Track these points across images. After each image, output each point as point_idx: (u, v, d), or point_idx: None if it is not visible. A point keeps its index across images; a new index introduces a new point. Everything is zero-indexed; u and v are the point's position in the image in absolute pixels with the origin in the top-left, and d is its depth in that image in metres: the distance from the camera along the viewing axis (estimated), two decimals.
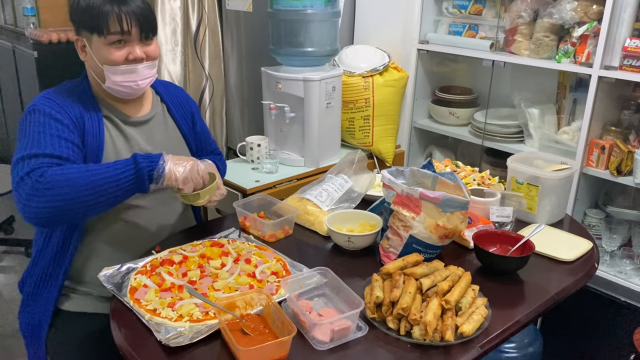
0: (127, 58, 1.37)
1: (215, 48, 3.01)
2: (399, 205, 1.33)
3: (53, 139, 1.28)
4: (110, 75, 1.37)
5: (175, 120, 1.59)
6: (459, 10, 2.41)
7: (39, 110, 1.32)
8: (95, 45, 1.36)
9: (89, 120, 1.38)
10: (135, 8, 1.35)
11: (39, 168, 1.21)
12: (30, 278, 1.45)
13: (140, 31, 1.36)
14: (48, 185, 1.19)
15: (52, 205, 1.19)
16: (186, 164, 1.32)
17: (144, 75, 1.41)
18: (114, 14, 1.32)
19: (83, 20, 1.36)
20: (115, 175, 1.23)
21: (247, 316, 1.14)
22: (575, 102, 2.18)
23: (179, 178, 1.29)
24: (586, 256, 1.47)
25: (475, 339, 1.11)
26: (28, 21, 3.28)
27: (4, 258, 3.08)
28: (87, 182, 1.21)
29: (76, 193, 1.20)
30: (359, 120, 2.34)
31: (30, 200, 1.19)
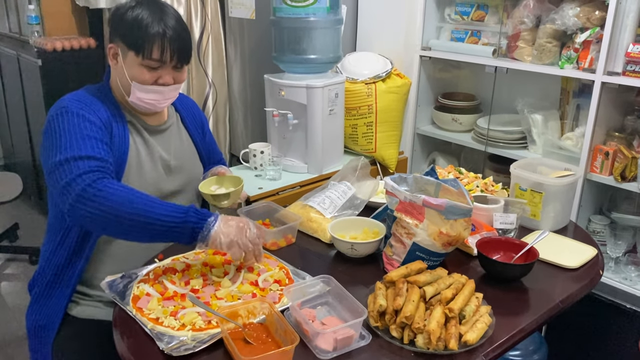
0: (156, 81, 1.39)
1: (218, 55, 3.02)
2: (402, 212, 1.33)
3: (92, 141, 1.29)
4: (136, 91, 1.39)
5: (188, 130, 1.63)
6: (461, 17, 2.42)
7: (72, 112, 1.32)
8: (130, 60, 1.37)
9: (115, 124, 1.40)
10: (179, 38, 1.37)
11: (91, 172, 1.22)
12: (42, 277, 1.45)
13: (177, 61, 1.39)
14: (99, 193, 1.19)
15: (95, 213, 1.19)
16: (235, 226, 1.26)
17: (168, 97, 1.45)
18: (158, 41, 1.34)
19: (125, 33, 1.36)
20: (162, 214, 1.20)
21: (250, 325, 1.14)
22: (578, 108, 2.18)
23: (223, 243, 1.24)
24: (591, 263, 1.46)
25: (480, 347, 1.11)
26: (32, 29, 3.30)
27: (8, 265, 3.09)
28: (135, 207, 1.20)
29: (120, 213, 1.19)
30: (362, 127, 2.34)
31: (78, 202, 1.19)
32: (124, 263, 1.41)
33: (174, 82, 1.43)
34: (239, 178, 1.47)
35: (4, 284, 2.92)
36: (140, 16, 1.35)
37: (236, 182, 1.49)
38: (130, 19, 1.36)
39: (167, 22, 1.36)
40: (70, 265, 1.41)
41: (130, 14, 1.36)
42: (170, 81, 1.42)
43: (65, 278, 1.42)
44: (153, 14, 1.36)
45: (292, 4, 2.04)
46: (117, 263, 1.43)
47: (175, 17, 1.40)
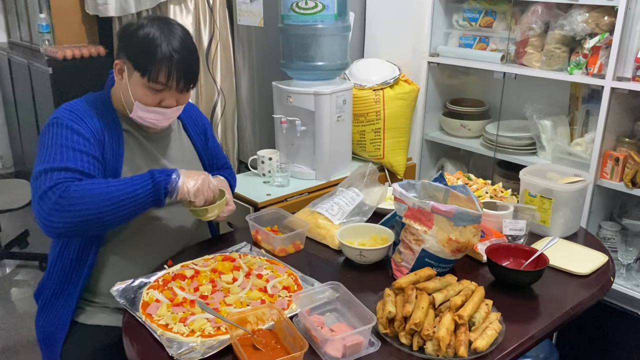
0: (159, 103, 1.40)
1: (226, 63, 3.04)
2: (411, 218, 1.32)
3: (75, 153, 1.30)
4: (138, 110, 1.40)
5: (189, 136, 1.63)
6: (470, 23, 2.42)
7: (61, 123, 1.34)
8: (135, 80, 1.37)
9: (109, 133, 1.41)
10: (186, 64, 1.36)
11: (62, 183, 1.24)
12: (46, 288, 1.46)
13: (183, 86, 1.39)
14: (71, 200, 1.22)
15: (73, 220, 1.23)
16: (197, 178, 1.36)
17: (170, 117, 1.45)
18: (165, 66, 1.34)
19: (132, 53, 1.36)
20: (134, 190, 1.27)
21: (259, 331, 1.14)
22: (588, 114, 2.17)
23: (190, 191, 1.34)
24: (602, 269, 1.45)
25: (489, 354, 1.10)
26: (43, 38, 3.34)
27: (18, 272, 3.11)
28: (107, 197, 1.24)
29: (97, 208, 1.23)
30: (369, 133, 2.34)
31: (52, 215, 1.22)
32: (129, 270, 1.42)
33: (176, 104, 1.42)
34: (222, 191, 1.47)
35: (14, 290, 2.93)
36: (149, 36, 1.34)
37: (220, 196, 1.47)
38: (139, 39, 1.35)
39: (175, 45, 1.34)
40: (74, 273, 1.42)
41: (140, 33, 1.35)
42: (173, 104, 1.41)
43: (69, 286, 1.42)
44: (162, 36, 1.34)
45: (300, 12, 2.05)
46: (120, 270, 1.43)
47: (183, 39, 1.37)
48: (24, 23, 3.74)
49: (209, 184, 1.38)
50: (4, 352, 2.43)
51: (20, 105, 3.76)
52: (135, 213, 1.30)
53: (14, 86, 3.77)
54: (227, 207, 1.52)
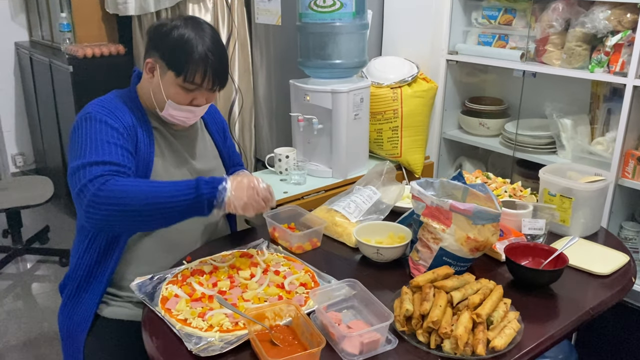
0: (191, 102, 1.42)
1: (244, 61, 3.06)
2: (429, 217, 1.32)
3: (110, 147, 1.32)
4: (170, 109, 1.42)
5: (211, 134, 1.66)
6: (489, 21, 2.40)
7: (94, 118, 1.35)
8: (168, 79, 1.39)
9: (140, 129, 1.43)
10: (220, 64, 1.40)
11: (102, 176, 1.24)
12: (72, 281, 1.47)
13: (216, 85, 1.42)
14: (109, 193, 1.22)
15: (110, 214, 1.22)
16: (245, 189, 1.29)
17: (198, 115, 1.48)
18: (202, 68, 1.36)
19: (167, 53, 1.38)
20: (174, 196, 1.24)
21: (277, 327, 1.15)
22: (609, 112, 2.14)
23: (238, 207, 1.29)
24: (622, 270, 1.43)
25: (508, 353, 1.09)
26: (64, 37, 3.38)
27: (39, 267, 3.16)
28: (146, 196, 1.23)
29: (134, 206, 1.22)
30: (387, 132, 2.33)
31: (90, 207, 1.22)
32: (152, 264, 1.43)
33: (206, 102, 1.46)
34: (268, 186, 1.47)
35: (35, 285, 2.98)
36: (184, 37, 1.36)
37: None
38: (174, 39, 1.36)
39: (210, 46, 1.37)
40: (100, 267, 1.44)
41: (175, 33, 1.37)
42: (203, 102, 1.44)
43: (95, 279, 1.44)
44: (197, 37, 1.36)
45: (318, 10, 2.05)
46: (146, 264, 1.45)
47: (215, 39, 1.40)
48: (45, 22, 3.79)
49: (257, 193, 1.31)
50: (25, 345, 2.47)
51: (41, 103, 3.82)
52: (173, 219, 1.27)
53: (36, 84, 3.83)
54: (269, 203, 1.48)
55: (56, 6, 3.51)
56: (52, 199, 2.97)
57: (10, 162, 4.30)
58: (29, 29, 4.13)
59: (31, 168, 4.37)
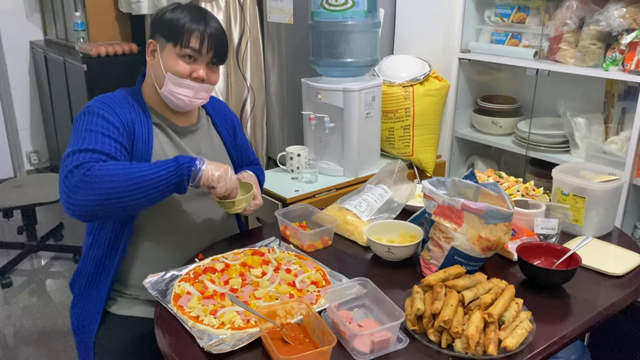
0: (190, 74, 1.44)
1: (256, 60, 3.06)
2: (441, 216, 1.32)
3: (103, 138, 1.34)
4: (169, 84, 1.44)
5: (218, 132, 1.66)
6: (502, 19, 2.38)
7: (92, 112, 1.38)
8: (167, 52, 1.43)
9: (139, 125, 1.44)
10: (218, 36, 1.44)
11: (87, 162, 1.26)
12: (80, 277, 1.50)
13: (212, 56, 1.45)
14: (94, 179, 1.23)
15: (94, 199, 1.23)
16: (220, 166, 1.37)
17: (199, 96, 1.48)
18: (198, 32, 1.41)
19: (163, 28, 1.43)
20: (156, 172, 1.28)
21: (288, 325, 1.15)
22: (624, 111, 2.11)
23: (214, 175, 1.34)
24: (636, 270, 1.41)
25: (519, 353, 1.09)
26: (78, 36, 3.42)
27: (53, 264, 3.20)
28: (130, 177, 1.25)
29: (119, 188, 1.24)
30: (398, 130, 2.33)
31: (74, 193, 1.24)
32: (158, 262, 1.44)
33: (206, 79, 1.46)
34: (250, 185, 1.50)
35: (49, 281, 3.02)
36: (183, 12, 1.43)
37: (247, 189, 1.50)
38: (169, 18, 1.43)
39: (208, 21, 1.44)
40: (106, 264, 1.45)
41: (172, 13, 1.44)
42: (203, 76, 1.45)
43: (101, 276, 1.46)
44: (193, 12, 1.44)
45: (330, 8, 2.05)
46: (151, 262, 1.46)
47: (215, 19, 1.47)
48: (59, 21, 3.83)
49: (231, 175, 1.39)
50: (40, 340, 2.50)
51: (55, 101, 3.86)
52: (158, 197, 1.30)
53: (50, 83, 3.87)
54: (254, 202, 1.54)
55: (70, 5, 3.55)
56: None
57: (25, 159, 4.35)
58: (44, 28, 4.18)
59: (46, 166, 4.42)
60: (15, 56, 4.11)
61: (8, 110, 4.16)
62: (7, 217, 3.10)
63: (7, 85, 4.12)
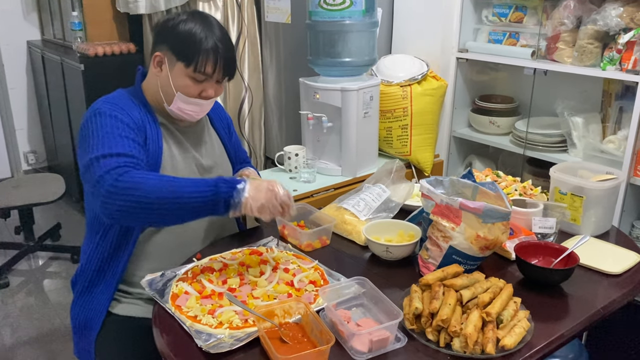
0: (200, 94, 1.43)
1: (254, 59, 3.06)
2: (439, 215, 1.32)
3: (123, 140, 1.32)
4: (179, 101, 1.43)
5: (217, 131, 1.66)
6: (499, 18, 2.38)
7: (104, 113, 1.36)
8: (177, 71, 1.40)
9: (148, 125, 1.44)
10: (229, 54, 1.41)
11: (120, 167, 1.25)
12: (83, 276, 1.49)
13: (225, 75, 1.44)
14: (128, 184, 1.22)
15: (126, 206, 1.21)
16: (264, 191, 1.28)
17: (206, 109, 1.49)
18: (212, 56, 1.38)
19: (176, 44, 1.39)
20: (192, 192, 1.23)
21: (286, 324, 1.15)
22: (621, 110, 2.12)
23: (254, 208, 1.27)
24: (634, 269, 1.42)
25: (518, 352, 1.09)
26: (75, 35, 3.41)
27: (51, 264, 3.19)
28: (163, 191, 1.22)
29: (151, 200, 1.21)
30: (396, 130, 2.33)
31: (108, 198, 1.22)
32: (163, 261, 1.44)
33: (214, 95, 1.46)
34: None
35: (47, 281, 3.01)
36: (193, 29, 1.38)
37: None
38: (183, 31, 1.38)
39: (219, 37, 1.39)
40: (112, 263, 1.45)
41: (183, 26, 1.39)
42: (212, 94, 1.45)
43: (107, 276, 1.45)
44: (205, 28, 1.38)
45: (327, 8, 2.06)
46: (156, 261, 1.46)
47: (224, 32, 1.43)
48: (57, 21, 3.82)
49: (275, 197, 1.29)
50: (37, 341, 2.50)
51: (53, 101, 3.85)
52: (191, 215, 1.26)
53: (47, 82, 3.86)
54: None
55: (67, 5, 3.54)
56: (63, 196, 3.00)
57: (23, 159, 4.34)
58: (41, 28, 4.16)
59: (43, 166, 4.41)
60: (12, 56, 4.09)
61: (5, 110, 4.15)
62: (5, 217, 3.09)
63: (5, 85, 4.11)
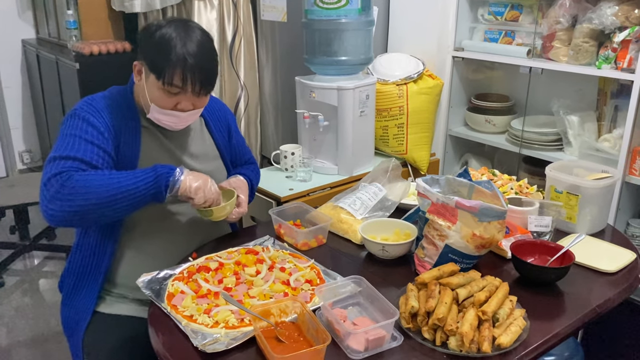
0: (175, 106, 1.38)
1: (250, 58, 3.06)
2: (435, 214, 1.32)
3: (86, 145, 1.32)
4: (155, 112, 1.40)
5: (211, 134, 1.62)
6: (495, 17, 2.39)
7: (78, 115, 1.36)
8: (151, 83, 1.36)
9: (126, 129, 1.41)
10: (201, 67, 1.33)
11: (67, 171, 1.26)
12: (68, 278, 1.49)
13: (199, 89, 1.36)
14: (72, 190, 1.24)
15: (70, 210, 1.24)
16: (199, 177, 1.36)
17: (186, 120, 1.44)
18: (179, 69, 1.31)
19: (149, 54, 1.35)
20: (135, 183, 1.28)
21: (282, 324, 1.15)
22: (616, 109, 2.12)
23: (192, 186, 1.34)
24: (629, 267, 1.42)
25: (514, 350, 1.09)
26: (71, 34, 3.40)
27: (46, 263, 3.18)
28: (107, 188, 1.25)
29: (95, 200, 1.25)
30: (392, 129, 2.33)
31: (52, 202, 1.25)
32: (143, 263, 1.43)
33: (193, 107, 1.40)
34: (232, 192, 1.47)
35: (42, 281, 3.00)
36: (165, 37, 1.32)
37: (229, 197, 1.47)
38: (155, 40, 1.33)
39: (191, 48, 1.32)
40: (94, 264, 1.44)
41: (157, 34, 1.34)
42: (189, 107, 1.39)
43: (90, 277, 1.45)
44: (178, 38, 1.32)
45: (323, 6, 2.05)
46: (137, 263, 1.45)
47: (201, 42, 1.35)
48: (52, 19, 3.81)
49: (210, 186, 1.37)
50: (32, 341, 2.49)
51: (48, 100, 3.84)
52: (136, 206, 1.30)
53: (42, 81, 3.85)
54: (237, 209, 1.50)
55: (62, 3, 3.52)
56: None
57: (18, 158, 4.32)
58: (36, 27, 4.15)
59: (38, 165, 4.39)
60: (7, 55, 4.08)
61: (0, 109, 4.13)
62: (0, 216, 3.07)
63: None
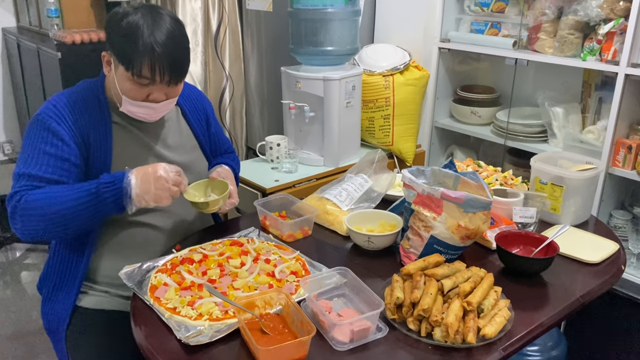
0: (147, 97, 1.34)
1: (235, 48, 3.02)
2: (420, 205, 1.31)
3: (49, 158, 1.31)
4: (127, 104, 1.35)
5: (189, 124, 1.57)
6: (481, 8, 2.38)
7: (42, 122, 1.33)
8: (120, 73, 1.31)
9: (95, 129, 1.37)
10: (169, 56, 1.28)
11: (20, 191, 1.28)
12: (47, 280, 1.46)
13: (169, 79, 1.31)
14: (23, 212, 1.26)
15: (31, 228, 1.28)
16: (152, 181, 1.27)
17: (161, 111, 1.40)
18: (148, 61, 1.26)
19: (117, 44, 1.29)
20: (77, 198, 1.26)
21: (267, 315, 1.14)
22: (600, 101, 2.14)
23: (149, 200, 1.28)
24: (612, 258, 1.43)
25: (498, 341, 1.09)
26: (52, 23, 3.33)
27: (28, 256, 3.14)
28: (56, 207, 1.25)
29: (48, 218, 1.26)
30: (379, 120, 2.32)
31: (12, 221, 1.29)
32: (125, 259, 1.39)
33: (166, 98, 1.35)
34: (225, 183, 1.45)
35: (24, 273, 2.96)
36: (132, 25, 1.26)
37: (223, 188, 1.46)
38: (122, 28, 1.27)
39: (159, 37, 1.26)
40: (73, 265, 1.42)
41: (124, 22, 1.28)
42: (162, 98, 1.34)
43: (69, 277, 1.42)
44: (145, 25, 1.26)
45: None
46: (117, 259, 1.41)
47: (170, 31, 1.29)
48: (32, 8, 3.73)
49: (166, 181, 1.28)
50: (15, 334, 2.46)
51: (29, 89, 3.77)
52: (93, 218, 1.29)
53: (23, 71, 3.78)
54: (230, 200, 1.48)
55: None
56: None
57: None
58: (16, 15, 4.07)
59: None
60: None
61: None
62: None
63: None
